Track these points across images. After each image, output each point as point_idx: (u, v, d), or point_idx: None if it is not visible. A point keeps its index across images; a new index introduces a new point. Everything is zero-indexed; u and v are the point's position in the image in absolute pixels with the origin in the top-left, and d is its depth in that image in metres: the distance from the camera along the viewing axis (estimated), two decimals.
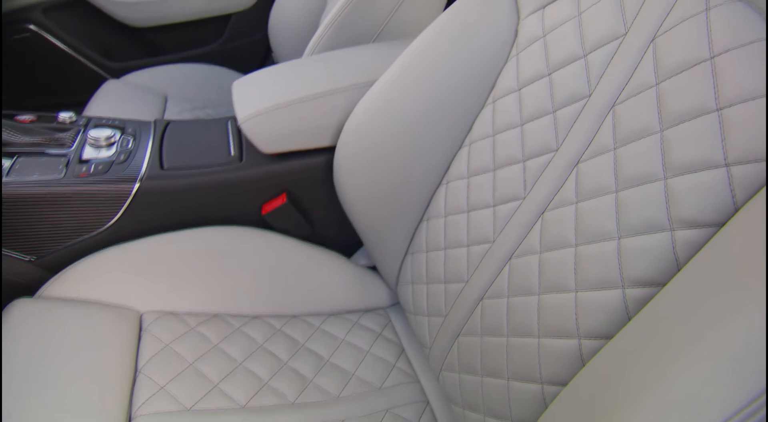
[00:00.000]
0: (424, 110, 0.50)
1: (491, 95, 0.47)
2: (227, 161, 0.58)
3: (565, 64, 0.39)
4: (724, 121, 0.28)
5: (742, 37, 0.28)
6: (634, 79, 0.34)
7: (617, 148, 0.34)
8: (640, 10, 0.34)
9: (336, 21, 0.71)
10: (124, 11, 1.07)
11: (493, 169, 0.45)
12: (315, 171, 0.60)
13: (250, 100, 0.58)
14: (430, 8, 0.75)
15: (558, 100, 0.40)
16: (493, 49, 0.46)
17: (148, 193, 0.55)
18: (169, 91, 0.99)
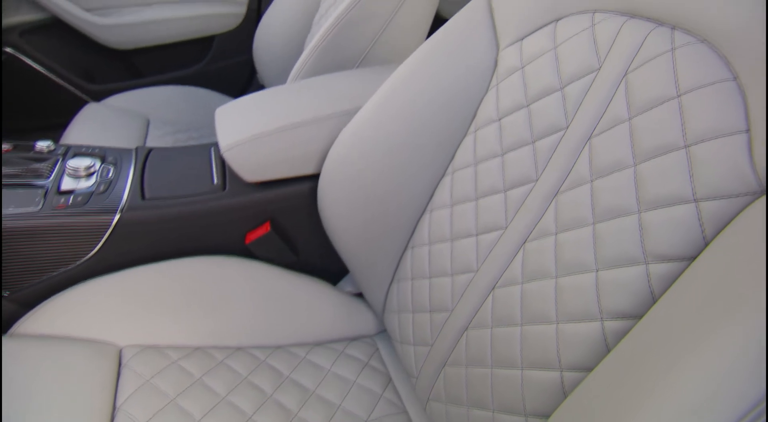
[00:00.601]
0: (407, 138, 0.51)
1: (473, 124, 0.48)
2: (210, 190, 0.59)
3: (543, 95, 0.41)
4: (691, 158, 0.30)
5: (705, 78, 0.30)
6: (608, 113, 0.36)
7: (594, 180, 0.36)
8: (612, 46, 0.36)
9: (320, 46, 0.73)
10: (105, 34, 1.08)
11: (475, 198, 0.46)
12: (299, 199, 0.61)
13: (233, 129, 0.59)
14: (414, 33, 0.78)
15: (537, 131, 0.41)
16: (473, 78, 0.48)
17: (129, 224, 0.55)
18: (151, 113, 1.00)
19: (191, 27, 1.13)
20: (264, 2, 1.18)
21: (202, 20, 1.13)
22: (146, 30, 1.10)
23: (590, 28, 0.38)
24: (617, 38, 0.36)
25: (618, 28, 0.36)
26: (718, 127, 0.29)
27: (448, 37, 0.50)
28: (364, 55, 0.75)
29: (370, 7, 0.72)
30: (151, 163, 0.64)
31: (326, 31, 0.72)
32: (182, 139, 0.96)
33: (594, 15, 0.38)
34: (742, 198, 0.27)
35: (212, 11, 1.14)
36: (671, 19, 0.33)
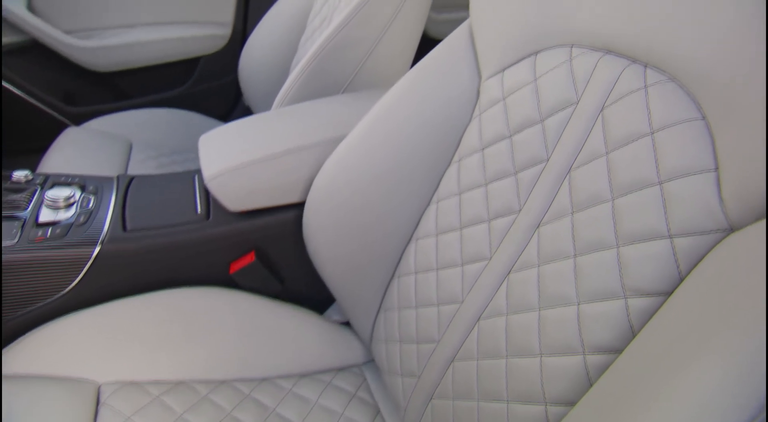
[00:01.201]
0: (392, 166, 0.53)
1: (457, 153, 0.50)
2: (193, 220, 0.60)
3: (524, 127, 0.43)
4: (665, 194, 0.32)
5: (676, 116, 0.32)
6: (587, 146, 0.38)
7: (574, 212, 0.37)
8: (589, 81, 0.38)
9: (305, 72, 0.75)
10: (87, 56, 1.09)
11: (460, 228, 0.47)
12: (284, 227, 0.62)
13: (217, 157, 0.60)
14: (400, 58, 0.80)
15: (519, 162, 0.43)
16: (457, 107, 0.50)
17: (110, 256, 0.56)
18: (133, 137, 1.00)
19: (176, 49, 1.14)
20: (249, 24, 1.20)
21: (186, 42, 1.15)
22: (129, 52, 1.11)
23: (568, 62, 0.40)
24: (594, 73, 0.38)
25: (594, 63, 0.38)
26: (688, 164, 0.31)
27: (432, 66, 0.52)
28: (350, 81, 0.77)
29: (355, 32, 0.74)
30: (133, 191, 0.64)
31: (311, 57, 0.74)
32: (166, 163, 0.96)
33: (572, 49, 0.40)
34: (713, 234, 0.29)
35: (197, 33, 1.16)
36: (644, 57, 0.35)
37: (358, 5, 0.74)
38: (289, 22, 1.02)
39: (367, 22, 0.74)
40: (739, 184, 0.28)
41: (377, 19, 0.75)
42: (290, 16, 1.02)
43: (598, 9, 0.37)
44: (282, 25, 1.03)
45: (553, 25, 0.41)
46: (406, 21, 0.78)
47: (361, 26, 0.74)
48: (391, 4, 0.75)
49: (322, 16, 0.95)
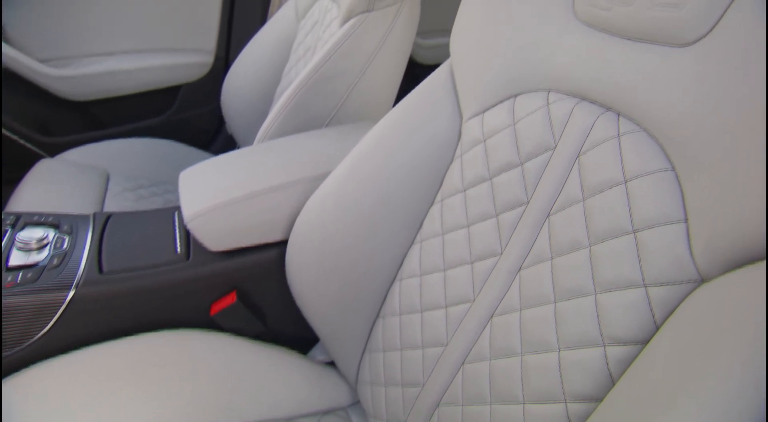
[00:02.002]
0: (376, 205, 0.54)
1: (439, 193, 0.52)
2: (173, 260, 0.60)
3: (505, 170, 0.45)
4: (639, 243, 0.34)
5: (647, 166, 0.34)
6: (565, 191, 0.40)
7: (554, 257, 0.39)
8: (566, 127, 0.41)
9: (289, 105, 0.77)
10: (62, 85, 1.11)
11: (443, 269, 0.49)
12: (266, 266, 0.63)
13: (197, 196, 0.61)
14: (385, 89, 0.83)
15: (499, 204, 0.45)
16: (439, 147, 0.52)
17: (84, 300, 0.56)
18: (111, 168, 1.01)
19: (156, 77, 1.16)
20: (232, 52, 1.23)
21: (167, 70, 1.17)
22: (107, 81, 1.13)
23: (545, 108, 0.43)
24: (570, 119, 0.41)
25: (570, 109, 0.41)
26: (659, 215, 0.33)
27: (415, 105, 0.55)
28: (334, 113, 0.79)
29: (339, 65, 0.77)
30: (110, 230, 0.65)
31: (294, 90, 0.77)
32: (145, 195, 0.97)
33: (549, 94, 0.43)
34: (684, 285, 0.31)
35: (178, 61, 1.18)
36: (616, 106, 0.37)
37: (342, 38, 0.77)
38: (273, 51, 1.05)
39: (351, 54, 0.77)
40: (708, 236, 0.30)
41: (361, 51, 0.78)
42: (274, 44, 1.05)
43: (573, 57, 0.40)
44: (265, 54, 1.06)
45: (530, 71, 0.44)
46: (391, 52, 0.81)
47: (345, 59, 0.77)
48: (375, 36, 0.78)
49: (306, 46, 0.98)
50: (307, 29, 0.99)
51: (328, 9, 0.92)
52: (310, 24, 0.98)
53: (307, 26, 0.99)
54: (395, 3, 0.78)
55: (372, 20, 0.77)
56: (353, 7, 0.77)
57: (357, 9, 0.77)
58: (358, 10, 0.77)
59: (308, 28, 0.98)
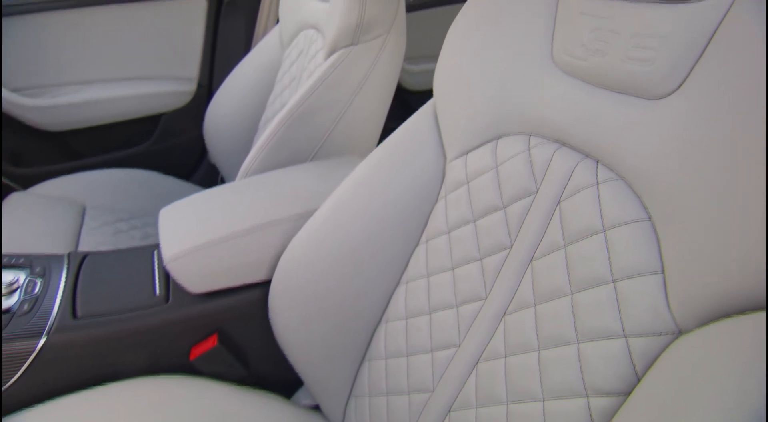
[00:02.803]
0: (361, 245, 0.56)
1: (424, 233, 0.54)
2: (151, 303, 0.61)
3: (488, 213, 0.47)
4: (618, 293, 0.35)
5: (624, 216, 0.36)
6: (547, 237, 0.42)
7: (537, 304, 0.41)
8: (546, 172, 0.43)
9: (273, 139, 0.79)
10: (37, 115, 1.11)
11: (429, 313, 0.50)
12: (249, 307, 0.63)
13: (178, 236, 0.62)
14: (371, 120, 0.85)
15: (483, 248, 0.47)
16: (424, 187, 0.54)
17: (57, 348, 0.56)
18: (87, 201, 1.01)
19: (135, 106, 1.18)
20: (216, 79, 1.26)
21: (147, 99, 1.19)
22: (84, 110, 1.14)
23: (527, 152, 0.45)
24: (550, 165, 0.43)
25: (551, 154, 0.43)
26: (637, 265, 0.35)
27: (400, 144, 0.57)
28: (320, 146, 0.81)
29: (324, 98, 0.80)
30: (85, 271, 0.65)
31: (279, 123, 0.79)
32: (123, 229, 0.97)
33: (530, 138, 0.45)
34: (663, 337, 0.33)
35: (159, 90, 1.20)
36: (594, 153, 0.39)
37: (327, 71, 0.79)
38: (257, 79, 1.08)
39: (335, 87, 0.80)
40: (684, 289, 0.32)
41: (346, 83, 0.81)
42: (258, 72, 1.08)
43: (552, 103, 0.43)
44: (250, 82, 1.08)
45: (511, 114, 0.46)
46: (377, 83, 0.84)
47: (330, 92, 0.80)
48: (360, 68, 0.81)
49: (291, 75, 1.01)
50: (293, 58, 1.02)
51: (313, 39, 0.95)
52: (295, 53, 1.01)
53: (292, 55, 1.02)
54: (380, 35, 0.81)
55: (357, 53, 0.80)
56: (338, 40, 0.80)
57: (341, 42, 0.80)
58: (343, 43, 0.80)
59: (293, 57, 1.01)
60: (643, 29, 0.35)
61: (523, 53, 0.45)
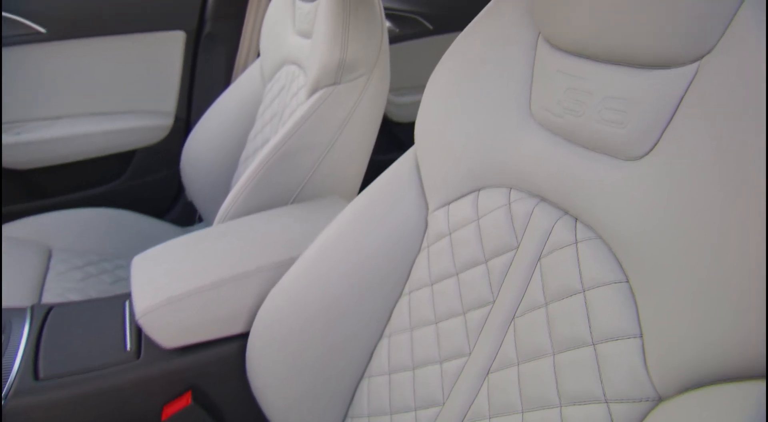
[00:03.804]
0: (342, 296, 0.57)
1: (407, 285, 0.55)
2: (121, 359, 0.61)
3: (470, 266, 0.49)
4: (599, 356, 0.37)
5: (603, 277, 0.38)
6: (528, 294, 0.44)
7: (521, 363, 0.42)
8: (527, 227, 0.45)
9: (253, 181, 0.81)
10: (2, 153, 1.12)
11: (412, 368, 0.51)
12: (225, 362, 0.64)
13: (150, 288, 0.62)
14: (355, 160, 0.88)
15: (466, 302, 0.48)
16: (407, 236, 0.56)
17: (15, 413, 0.55)
18: (54, 243, 1.01)
19: (108, 142, 1.20)
20: (194, 113, 1.28)
21: (121, 134, 1.21)
22: (54, 147, 1.15)
23: (507, 206, 0.47)
24: (531, 220, 0.45)
25: (531, 209, 0.45)
26: (615, 328, 0.36)
27: (381, 193, 0.59)
28: (301, 188, 0.83)
29: (306, 138, 0.82)
30: (50, 326, 0.65)
31: (259, 165, 0.81)
32: (93, 273, 0.97)
33: (510, 192, 0.48)
34: (643, 403, 0.34)
35: (134, 125, 1.22)
36: (573, 210, 0.42)
37: (309, 111, 0.82)
38: (238, 114, 1.11)
39: (317, 127, 0.83)
40: (662, 354, 0.33)
41: (329, 124, 0.84)
42: (238, 107, 1.11)
43: (530, 158, 0.45)
44: (230, 117, 1.11)
45: (491, 166, 0.49)
46: (360, 123, 0.87)
47: (312, 133, 0.82)
48: (343, 108, 0.84)
49: (272, 111, 1.04)
50: (274, 94, 1.05)
51: (295, 75, 0.98)
52: (277, 88, 1.04)
53: (273, 90, 1.05)
54: (363, 75, 0.85)
55: (339, 93, 0.83)
56: (320, 80, 0.83)
57: (323, 82, 0.83)
58: (325, 82, 0.83)
59: (275, 93, 1.05)
60: (615, 92, 0.38)
61: (502, 105, 0.48)
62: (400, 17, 1.48)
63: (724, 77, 0.32)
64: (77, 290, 0.91)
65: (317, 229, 0.72)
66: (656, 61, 0.35)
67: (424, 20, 1.51)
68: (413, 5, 1.49)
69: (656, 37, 0.34)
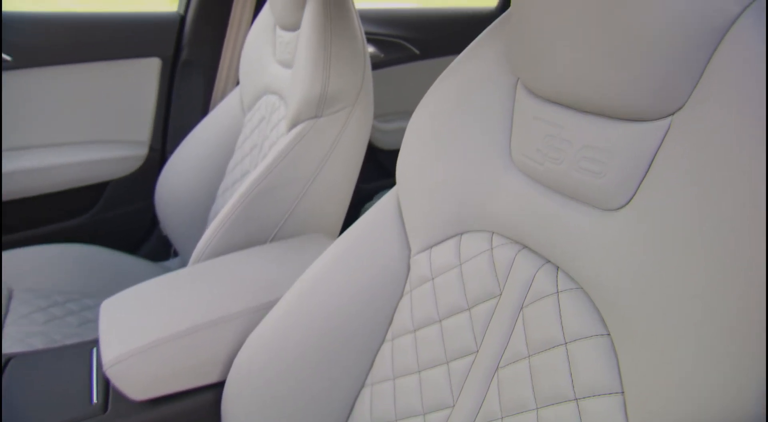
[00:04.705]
0: (323, 342, 0.58)
1: (390, 331, 0.56)
2: (88, 414, 0.60)
3: (453, 313, 0.50)
4: (581, 412, 0.38)
5: (585, 330, 0.40)
6: (511, 344, 0.45)
7: (504, 417, 0.43)
8: (509, 275, 0.47)
9: (230, 218, 0.82)
10: None
11: (395, 420, 0.52)
12: (199, 414, 0.64)
13: (119, 336, 0.62)
14: (335, 196, 0.90)
15: (450, 351, 0.50)
16: (389, 279, 0.57)
17: None
18: (16, 283, 1.01)
19: (78, 174, 1.20)
20: (170, 143, 1.30)
21: (92, 166, 1.21)
22: (18, 180, 1.15)
23: (489, 252, 0.49)
24: (513, 267, 0.47)
25: (513, 256, 0.47)
26: (597, 383, 0.38)
27: (363, 236, 0.60)
28: (281, 225, 0.84)
29: (286, 174, 0.84)
30: (9, 378, 0.64)
31: (237, 201, 0.82)
32: (58, 315, 0.96)
33: (493, 237, 0.49)
34: None
35: (106, 155, 1.23)
36: (554, 259, 0.44)
37: (289, 145, 0.84)
38: (216, 144, 1.12)
39: (298, 162, 0.85)
40: (644, 412, 0.35)
41: (310, 158, 0.86)
42: (217, 137, 1.12)
43: (511, 204, 0.47)
44: (208, 147, 1.12)
45: (472, 211, 0.51)
46: (343, 156, 0.89)
47: (292, 168, 0.84)
48: (324, 142, 0.86)
49: (252, 142, 1.06)
50: (254, 124, 1.07)
51: (275, 106, 1.01)
52: (257, 119, 1.07)
53: (254, 120, 1.07)
54: (345, 107, 0.87)
55: (321, 126, 0.85)
56: (300, 113, 0.85)
57: (304, 115, 0.85)
58: (306, 115, 0.85)
59: (255, 123, 1.07)
60: (592, 142, 0.40)
61: (483, 150, 0.50)
62: (385, 42, 1.53)
63: (695, 134, 0.35)
64: (40, 334, 0.90)
65: (298, 270, 0.73)
66: (630, 115, 0.38)
67: (410, 45, 1.56)
68: (398, 30, 1.54)
69: (628, 92, 0.37)
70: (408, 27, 1.55)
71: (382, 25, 1.52)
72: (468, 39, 1.86)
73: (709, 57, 0.34)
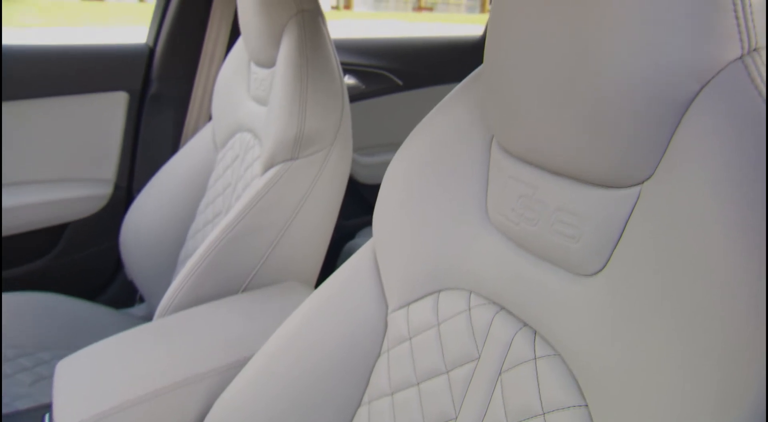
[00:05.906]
0: (297, 405, 0.59)
1: (366, 393, 0.58)
2: None
3: (431, 376, 0.52)
4: None
5: (562, 400, 0.41)
6: (490, 412, 0.46)
7: None
8: (487, 337, 0.49)
9: (200, 266, 0.83)
10: None
11: None
12: None
13: (76, 401, 0.63)
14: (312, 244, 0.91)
15: (428, 416, 0.51)
16: (366, 337, 0.59)
17: None
18: None
19: (36, 216, 1.20)
20: (137, 181, 1.31)
21: (52, 207, 1.22)
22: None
23: (467, 312, 0.51)
24: (491, 330, 0.49)
25: (491, 318, 0.49)
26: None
27: (338, 291, 0.62)
28: (254, 274, 0.86)
29: (259, 219, 0.86)
30: None
31: (207, 249, 0.84)
32: (8, 372, 0.95)
33: (470, 296, 0.51)
34: None
35: (67, 195, 1.24)
36: (531, 323, 0.46)
37: (263, 189, 0.86)
38: (187, 183, 1.14)
39: (273, 207, 0.87)
40: None
41: (285, 203, 0.88)
42: (188, 175, 1.14)
43: (488, 262, 0.49)
44: (178, 186, 1.14)
45: (449, 268, 0.53)
46: (319, 200, 0.91)
47: (266, 213, 0.86)
48: (301, 185, 0.88)
49: (225, 181, 1.07)
50: (227, 162, 1.09)
51: (250, 145, 1.03)
52: (230, 157, 1.09)
53: (227, 159, 1.10)
54: (322, 149, 0.90)
55: (297, 168, 0.88)
56: (275, 154, 0.88)
57: (279, 157, 0.87)
58: (281, 157, 0.87)
59: (228, 162, 1.09)
60: (567, 205, 0.43)
61: (459, 206, 0.53)
62: (367, 73, 1.57)
63: (664, 202, 0.37)
64: None
65: (271, 324, 0.74)
66: (601, 181, 0.40)
67: (393, 75, 1.61)
68: (381, 61, 1.59)
69: (597, 158, 0.39)
70: (390, 57, 1.60)
71: (363, 56, 1.57)
72: (452, 69, 1.91)
73: (674, 130, 0.37)
